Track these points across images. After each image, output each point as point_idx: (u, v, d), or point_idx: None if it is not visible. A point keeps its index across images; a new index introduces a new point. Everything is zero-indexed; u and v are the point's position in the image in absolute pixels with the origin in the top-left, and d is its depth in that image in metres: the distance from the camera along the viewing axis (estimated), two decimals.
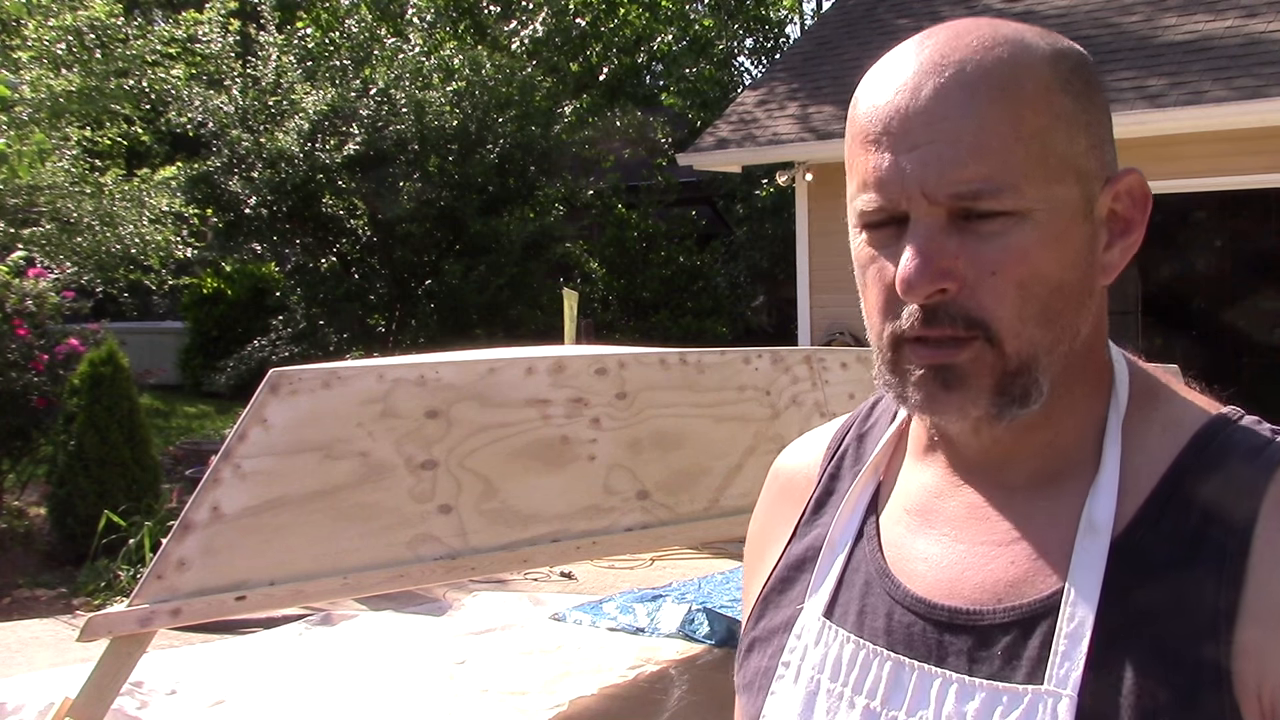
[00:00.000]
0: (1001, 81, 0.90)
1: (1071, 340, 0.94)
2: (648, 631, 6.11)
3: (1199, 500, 0.91)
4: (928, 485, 1.02)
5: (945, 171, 0.89)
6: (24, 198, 10.29)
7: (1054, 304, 0.92)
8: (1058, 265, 0.91)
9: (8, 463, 8.70)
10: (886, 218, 0.92)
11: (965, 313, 0.90)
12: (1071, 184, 0.92)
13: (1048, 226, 0.90)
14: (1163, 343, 12.60)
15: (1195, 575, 0.88)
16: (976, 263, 0.90)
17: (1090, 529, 0.92)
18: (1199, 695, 0.85)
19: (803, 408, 4.59)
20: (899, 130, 0.91)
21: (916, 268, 0.89)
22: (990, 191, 0.89)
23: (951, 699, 0.92)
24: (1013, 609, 0.92)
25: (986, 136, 0.89)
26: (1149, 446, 0.95)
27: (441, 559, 3.68)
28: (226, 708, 5.07)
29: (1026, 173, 0.89)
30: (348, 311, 14.21)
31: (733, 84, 21.22)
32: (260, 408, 3.48)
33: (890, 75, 0.93)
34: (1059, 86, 0.92)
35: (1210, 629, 0.86)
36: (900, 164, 0.90)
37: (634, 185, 17.84)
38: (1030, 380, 0.92)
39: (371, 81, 14.06)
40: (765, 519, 1.18)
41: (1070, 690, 0.87)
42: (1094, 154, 0.94)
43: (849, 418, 1.16)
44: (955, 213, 0.90)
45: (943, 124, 0.89)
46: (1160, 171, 9.28)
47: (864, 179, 0.93)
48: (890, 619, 0.98)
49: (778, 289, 16.89)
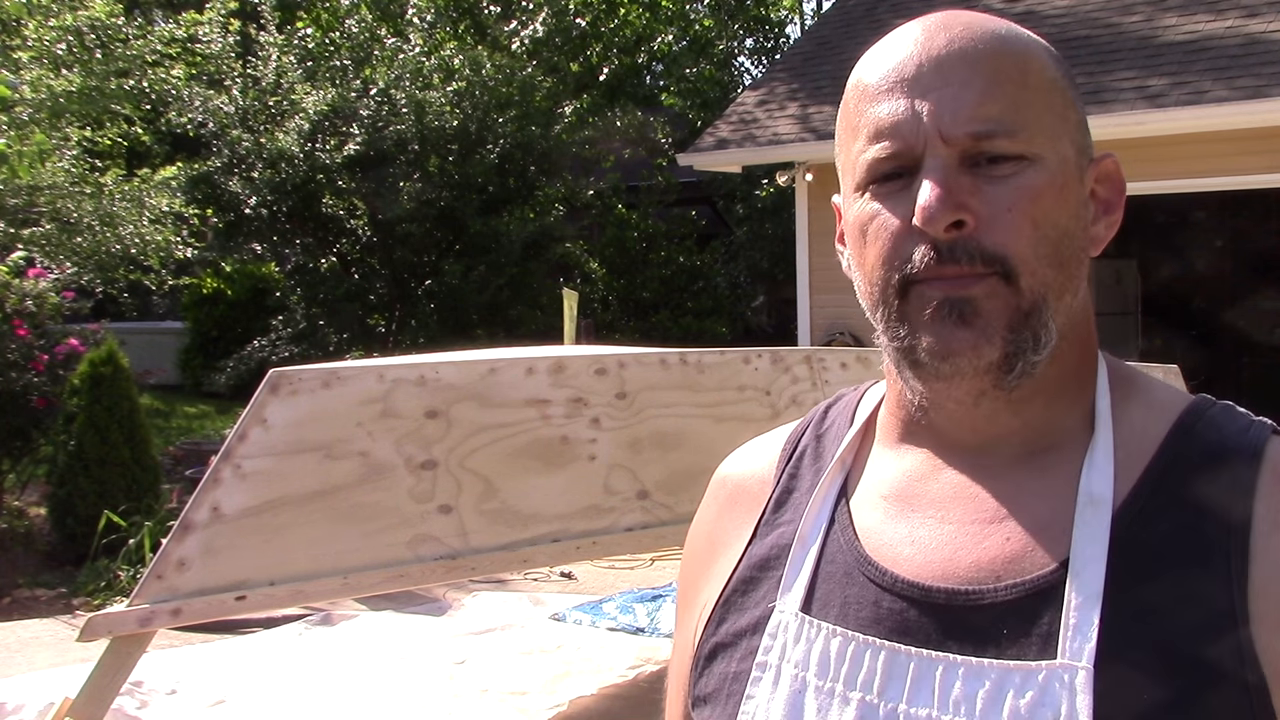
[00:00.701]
0: (1003, 41, 0.94)
1: (1074, 294, 0.95)
2: (648, 631, 6.11)
3: (1193, 487, 0.91)
4: (907, 470, 1.00)
5: (961, 110, 0.91)
6: (24, 198, 10.29)
7: (1063, 248, 0.93)
8: (1065, 214, 0.93)
9: (8, 463, 8.70)
10: (898, 166, 0.93)
11: (982, 248, 0.90)
12: (1069, 147, 0.95)
13: (1056, 174, 0.93)
14: (1163, 343, 12.59)
15: (1201, 556, 0.88)
16: (992, 200, 0.91)
17: (1090, 500, 0.91)
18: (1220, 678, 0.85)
19: (803, 408, 4.58)
20: (913, 77, 0.93)
21: (938, 196, 0.89)
22: (1005, 132, 0.91)
23: (959, 684, 0.89)
24: (1015, 586, 0.90)
25: (1000, 81, 0.92)
26: (1134, 428, 0.95)
27: (441, 559, 3.68)
28: (226, 708, 5.07)
29: (1037, 119, 0.92)
30: (348, 311, 14.20)
31: (733, 84, 21.22)
32: (260, 408, 3.48)
33: (893, 44, 0.96)
34: (1051, 62, 0.96)
35: (1226, 615, 0.86)
36: (915, 107, 0.92)
37: (634, 185, 17.84)
38: (1041, 323, 0.92)
39: (371, 81, 14.06)
40: (713, 526, 1.13)
41: (1086, 662, 0.85)
42: (1081, 130, 0.97)
43: (800, 423, 1.14)
44: (969, 156, 0.91)
45: (957, 70, 0.92)
46: (1160, 171, 9.28)
47: (876, 129, 0.94)
48: (879, 607, 0.94)
49: (778, 289, 16.90)
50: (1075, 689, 0.85)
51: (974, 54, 0.92)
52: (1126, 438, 0.94)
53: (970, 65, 0.92)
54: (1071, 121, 0.96)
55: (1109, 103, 9.21)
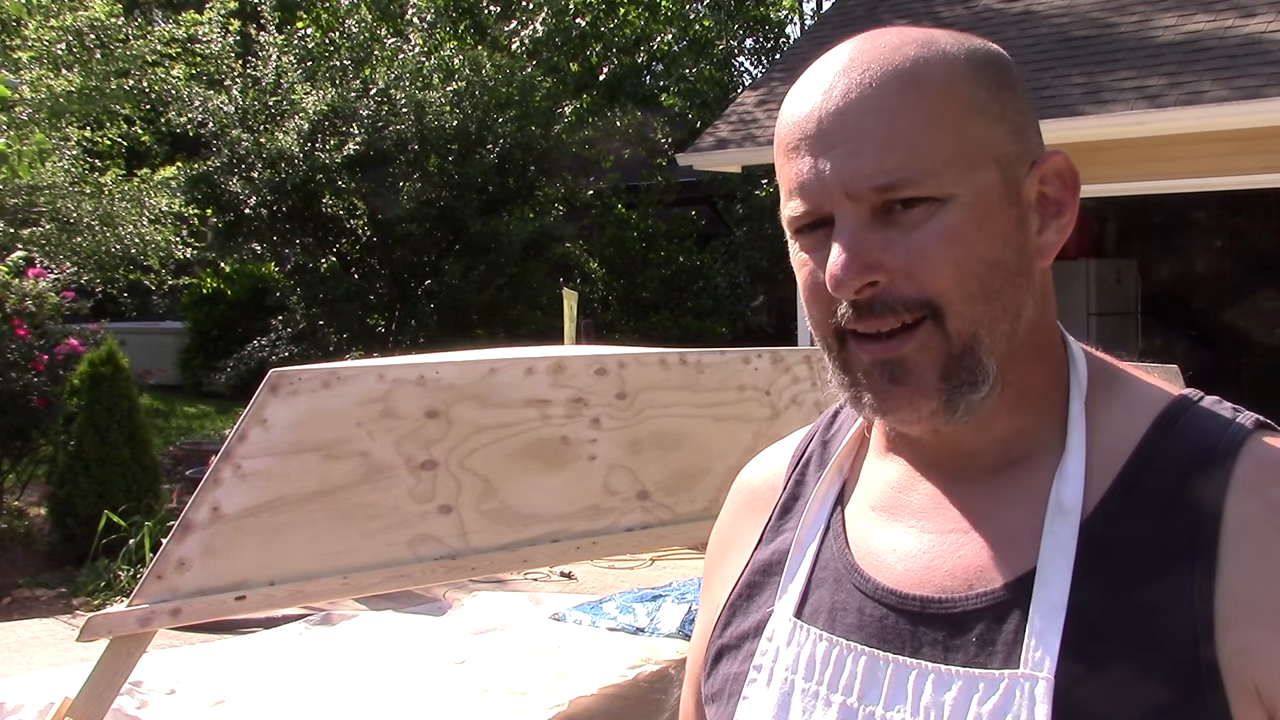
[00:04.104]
0: (907, 75, 0.92)
1: (1014, 320, 0.94)
2: (648, 631, 6.11)
3: (1167, 483, 0.91)
4: (890, 480, 1.02)
5: (863, 166, 0.90)
6: (24, 198, 10.29)
7: (992, 280, 0.92)
8: (989, 245, 0.92)
9: (8, 463, 8.70)
10: (813, 220, 0.94)
11: (904, 297, 0.91)
12: (990, 169, 0.93)
13: (972, 209, 0.91)
14: (1163, 343, 12.59)
15: (1169, 562, 0.88)
16: (907, 252, 0.91)
17: (1059, 510, 0.92)
18: (1181, 686, 0.85)
19: (803, 408, 4.58)
20: (815, 134, 0.92)
21: (843, 263, 0.90)
22: (909, 180, 0.90)
23: (929, 689, 0.91)
24: (984, 594, 0.92)
25: (899, 128, 0.90)
26: (1112, 427, 0.95)
27: (441, 559, 3.68)
28: (226, 708, 5.07)
29: (944, 159, 0.90)
30: (348, 311, 14.20)
31: (733, 84, 21.21)
32: (260, 408, 3.48)
33: (807, 84, 0.96)
34: (969, 78, 0.93)
35: (1189, 622, 0.86)
36: (819, 166, 0.92)
37: (634, 185, 17.83)
38: (975, 361, 0.92)
39: (371, 81, 14.05)
40: (729, 530, 1.17)
41: (1046, 673, 0.87)
42: (1012, 139, 0.95)
43: (811, 427, 1.16)
44: (879, 207, 0.91)
45: (856, 122, 0.91)
46: (1160, 171, 9.29)
47: (789, 187, 0.95)
48: (862, 614, 0.97)
49: (778, 289, 16.90)
50: (1035, 698, 0.87)
51: (875, 100, 0.91)
52: (1103, 441, 0.95)
53: (870, 114, 0.91)
54: (998, 137, 0.93)
55: (1108, 103, 9.21)
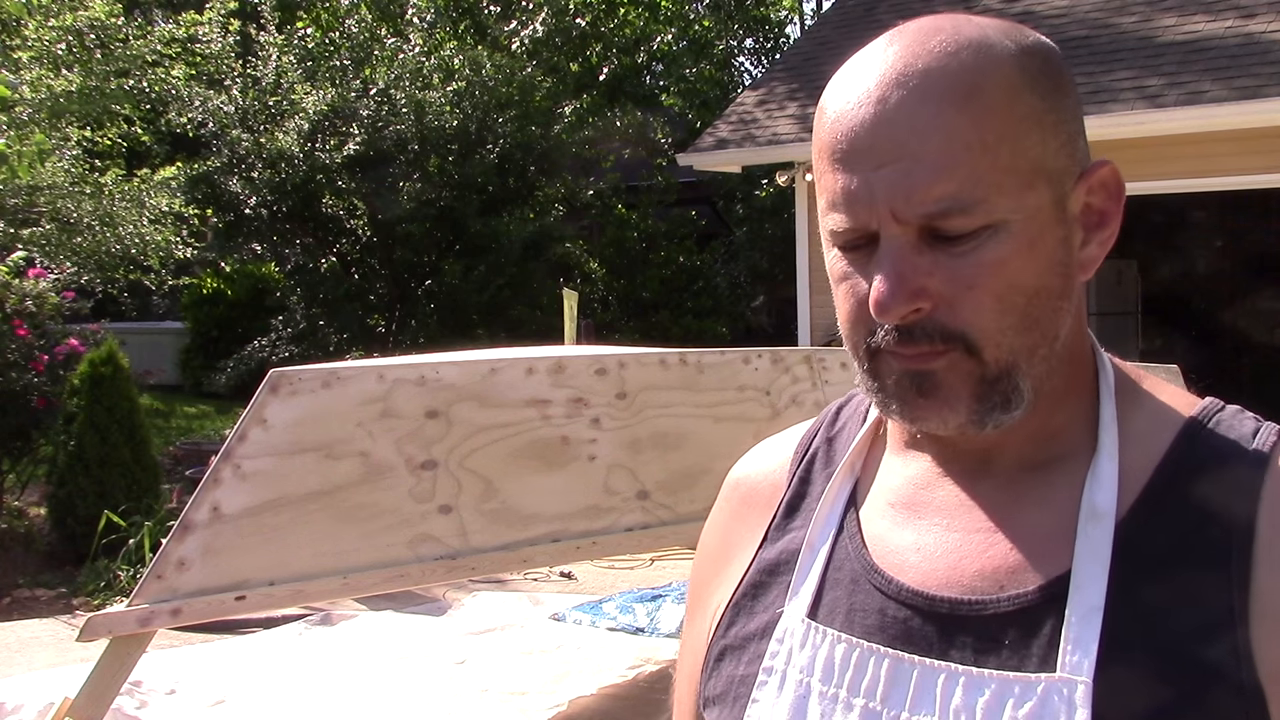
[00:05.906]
0: (966, 90, 0.88)
1: (1051, 343, 0.93)
2: (648, 631, 6.11)
3: (1197, 493, 0.91)
4: (912, 478, 1.00)
5: (914, 192, 0.87)
6: (24, 198, 10.30)
7: (1032, 311, 0.90)
8: (1034, 273, 0.90)
9: (8, 463, 8.70)
10: (857, 237, 0.91)
11: (943, 328, 0.89)
12: (1043, 188, 0.90)
13: (1022, 235, 0.89)
14: (1163, 343, 12.60)
15: (1200, 572, 0.88)
16: (952, 279, 0.89)
17: (1092, 513, 0.91)
18: (1214, 697, 0.85)
19: (803, 408, 4.58)
20: (865, 148, 0.89)
21: (889, 290, 0.88)
22: (960, 209, 0.87)
23: (959, 693, 0.89)
24: (1018, 596, 0.91)
25: (953, 150, 0.87)
26: (1139, 436, 0.95)
27: (441, 559, 3.68)
28: (226, 708, 5.07)
29: (997, 183, 0.87)
30: (348, 311, 14.21)
31: (733, 84, 21.22)
32: (260, 408, 3.48)
33: (854, 85, 0.92)
34: (1026, 86, 0.90)
35: (1224, 633, 0.85)
36: (868, 183, 0.89)
37: (634, 185, 17.84)
38: (1011, 386, 0.91)
39: (371, 81, 14.05)
40: (725, 529, 1.14)
41: (1085, 676, 0.85)
42: (1065, 151, 0.92)
43: (814, 423, 1.14)
44: (926, 230, 0.88)
45: (908, 141, 0.87)
46: (1160, 171, 9.29)
47: (832, 199, 0.92)
48: (884, 615, 0.95)
49: (778, 289, 16.89)
50: (1074, 703, 0.85)
51: (928, 117, 0.87)
52: (1131, 446, 0.94)
53: (922, 134, 0.87)
54: (1051, 151, 0.90)
55: (1108, 103, 9.21)
